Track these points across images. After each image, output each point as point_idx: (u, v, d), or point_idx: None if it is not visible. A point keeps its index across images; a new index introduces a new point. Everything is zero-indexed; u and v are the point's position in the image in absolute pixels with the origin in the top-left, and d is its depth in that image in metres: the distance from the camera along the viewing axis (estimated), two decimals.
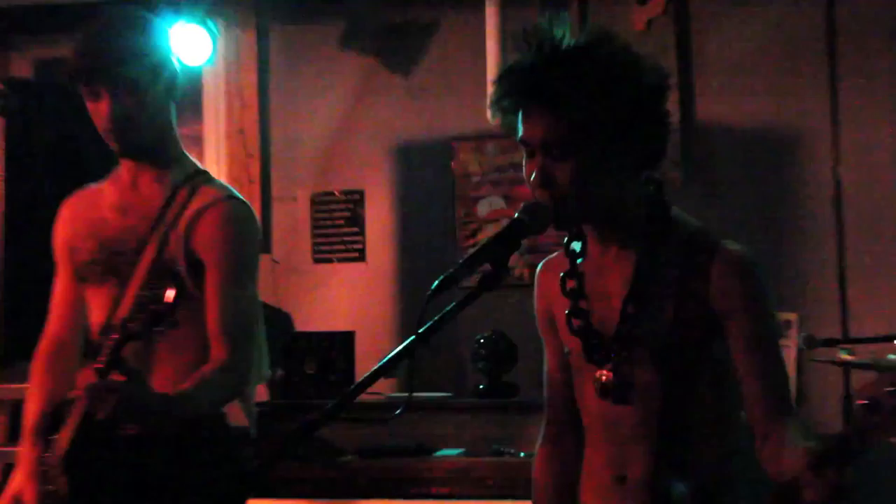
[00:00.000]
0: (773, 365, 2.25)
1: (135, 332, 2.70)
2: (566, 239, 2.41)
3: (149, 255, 2.96)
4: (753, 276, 2.24)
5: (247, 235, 3.01)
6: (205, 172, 3.12)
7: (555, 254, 2.47)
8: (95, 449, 2.93)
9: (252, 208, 3.06)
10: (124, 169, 3.11)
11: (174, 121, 3.09)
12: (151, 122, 3.01)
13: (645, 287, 2.26)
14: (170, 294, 2.65)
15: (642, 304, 2.26)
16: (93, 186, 3.19)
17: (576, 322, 2.36)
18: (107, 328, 2.89)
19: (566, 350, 2.41)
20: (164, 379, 2.89)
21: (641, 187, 2.30)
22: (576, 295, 2.36)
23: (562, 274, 2.39)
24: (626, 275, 2.29)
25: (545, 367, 2.53)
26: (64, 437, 2.94)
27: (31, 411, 3.07)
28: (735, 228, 4.86)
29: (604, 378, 2.31)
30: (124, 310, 2.90)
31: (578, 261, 2.38)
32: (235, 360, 2.90)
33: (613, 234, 2.31)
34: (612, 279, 2.32)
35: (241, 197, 3.06)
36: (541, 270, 2.48)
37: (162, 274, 2.90)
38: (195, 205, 3.00)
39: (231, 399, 2.98)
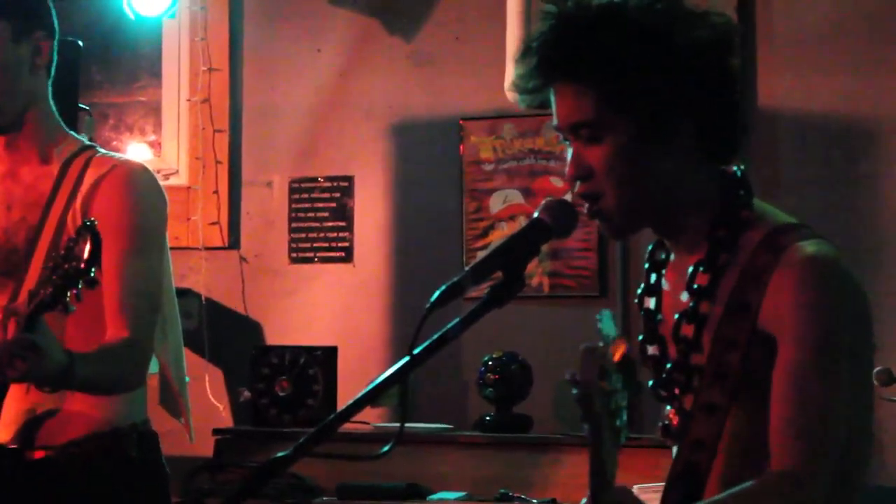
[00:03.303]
0: (809, 402, 2.08)
1: (48, 299, 2.77)
2: (651, 246, 2.35)
3: (45, 241, 3.04)
4: (820, 285, 2.13)
5: (150, 201, 3.13)
6: (95, 146, 3.20)
7: None
8: None
9: (155, 175, 3.19)
10: None
11: (49, 100, 3.14)
12: (8, 89, 3.05)
13: (700, 302, 2.18)
14: (86, 248, 2.76)
15: (701, 325, 2.19)
16: None
17: (652, 349, 2.29)
18: (6, 313, 2.94)
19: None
20: None
21: (712, 181, 2.22)
22: (650, 317, 2.30)
23: (638, 290, 2.34)
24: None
25: None
26: None
27: None
28: None
29: (668, 419, 2.24)
30: (23, 295, 2.96)
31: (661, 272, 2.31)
32: (137, 337, 3.01)
33: (681, 240, 2.25)
34: (677, 297, 2.26)
35: (143, 163, 3.17)
36: None
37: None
38: (90, 177, 3.09)
39: (133, 380, 3.08)
